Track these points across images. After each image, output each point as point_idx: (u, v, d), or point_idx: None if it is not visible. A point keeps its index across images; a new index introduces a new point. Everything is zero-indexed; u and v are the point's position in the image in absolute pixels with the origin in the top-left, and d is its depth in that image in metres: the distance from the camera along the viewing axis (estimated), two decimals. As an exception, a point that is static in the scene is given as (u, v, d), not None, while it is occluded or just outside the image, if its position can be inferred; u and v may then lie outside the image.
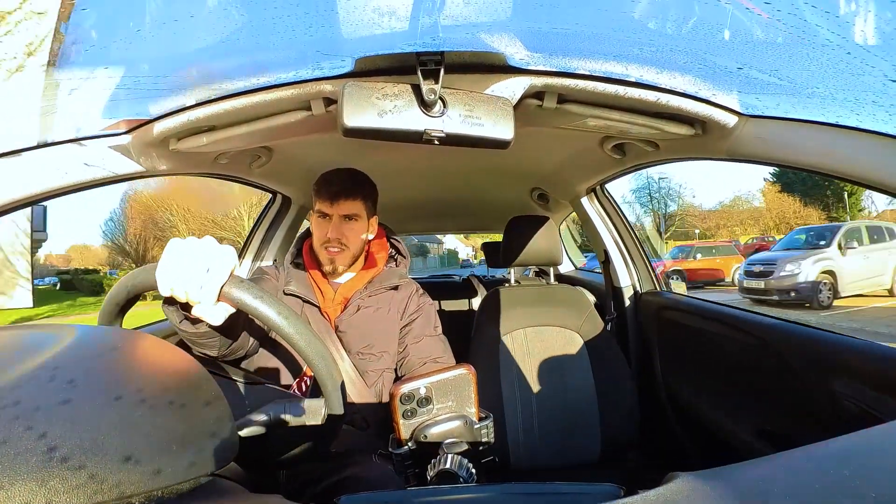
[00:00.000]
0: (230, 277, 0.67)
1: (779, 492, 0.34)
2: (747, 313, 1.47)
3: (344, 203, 1.26)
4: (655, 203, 35.60)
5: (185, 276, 0.66)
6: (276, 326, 0.66)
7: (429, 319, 1.37)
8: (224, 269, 0.66)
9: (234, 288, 0.67)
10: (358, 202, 1.29)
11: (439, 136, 0.84)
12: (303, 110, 1.00)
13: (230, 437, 0.48)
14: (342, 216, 1.27)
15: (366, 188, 1.33)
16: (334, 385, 0.71)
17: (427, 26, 0.82)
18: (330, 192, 1.26)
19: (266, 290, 0.70)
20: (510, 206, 2.68)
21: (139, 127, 0.99)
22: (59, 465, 0.33)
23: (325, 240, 1.27)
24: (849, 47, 0.73)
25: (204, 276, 0.66)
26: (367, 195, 1.32)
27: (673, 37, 0.89)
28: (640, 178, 33.88)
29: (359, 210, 1.29)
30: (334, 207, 1.26)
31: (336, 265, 1.29)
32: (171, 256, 0.67)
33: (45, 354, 0.42)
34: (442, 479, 0.62)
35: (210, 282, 0.66)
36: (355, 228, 1.30)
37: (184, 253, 0.67)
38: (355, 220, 1.29)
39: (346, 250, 1.29)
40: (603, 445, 1.64)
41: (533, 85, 0.94)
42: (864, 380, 0.99)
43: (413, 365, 1.27)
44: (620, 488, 0.44)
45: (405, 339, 1.33)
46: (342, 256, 1.29)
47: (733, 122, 0.98)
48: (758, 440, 1.29)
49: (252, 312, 0.67)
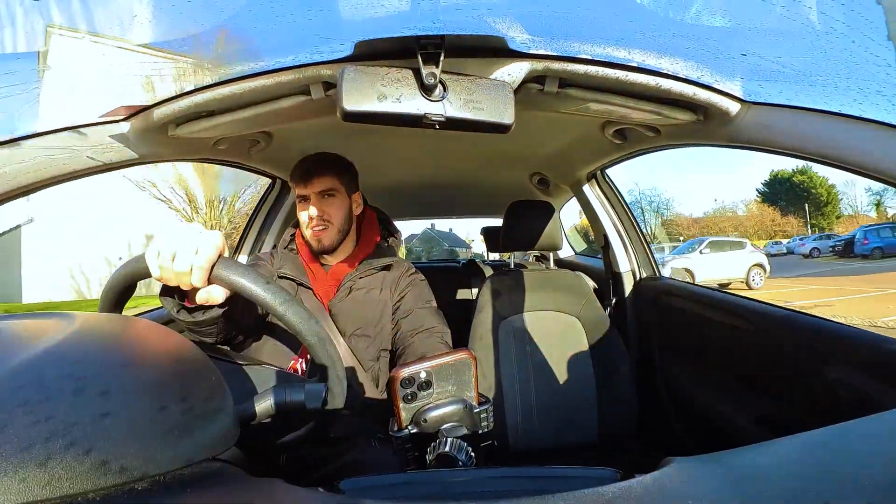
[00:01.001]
0: (220, 259, 0.68)
1: (773, 477, 0.35)
2: (746, 300, 1.48)
3: (317, 180, 1.29)
4: (644, 213, 37.98)
5: (174, 259, 0.67)
6: (267, 304, 0.67)
7: (420, 292, 1.38)
8: (211, 250, 0.67)
9: (223, 268, 0.67)
10: (331, 177, 1.31)
11: (439, 120, 0.84)
12: (302, 95, 1.00)
13: (231, 422, 0.48)
14: (318, 193, 1.29)
15: (337, 164, 1.35)
16: (331, 362, 0.71)
17: (427, 9, 0.81)
18: (301, 174, 1.29)
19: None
20: (510, 191, 2.67)
21: (138, 113, 0.99)
22: (62, 450, 0.33)
23: (308, 219, 1.29)
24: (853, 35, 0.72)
25: (193, 257, 0.67)
26: (340, 171, 1.34)
27: (676, 22, 0.88)
28: (631, 192, 35.84)
29: (334, 185, 1.31)
30: (309, 187, 1.29)
31: (323, 242, 1.31)
32: (159, 241, 0.68)
33: (48, 342, 0.42)
34: (441, 462, 0.63)
35: (199, 262, 0.67)
36: (335, 203, 1.31)
37: (171, 237, 0.68)
38: (333, 195, 1.31)
39: (329, 226, 1.30)
40: (601, 430, 1.66)
41: (534, 69, 0.94)
42: (861, 368, 1.00)
43: (405, 337, 1.27)
44: (617, 472, 0.44)
45: (396, 315, 1.33)
46: (327, 233, 1.30)
47: (735, 108, 0.98)
48: (755, 427, 1.31)
49: (242, 291, 0.67)
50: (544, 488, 0.40)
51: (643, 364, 1.98)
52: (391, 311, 1.34)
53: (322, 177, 1.29)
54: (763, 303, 1.40)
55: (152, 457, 0.37)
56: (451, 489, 0.49)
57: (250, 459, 0.60)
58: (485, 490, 0.48)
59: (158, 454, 0.38)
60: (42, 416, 0.35)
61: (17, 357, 0.40)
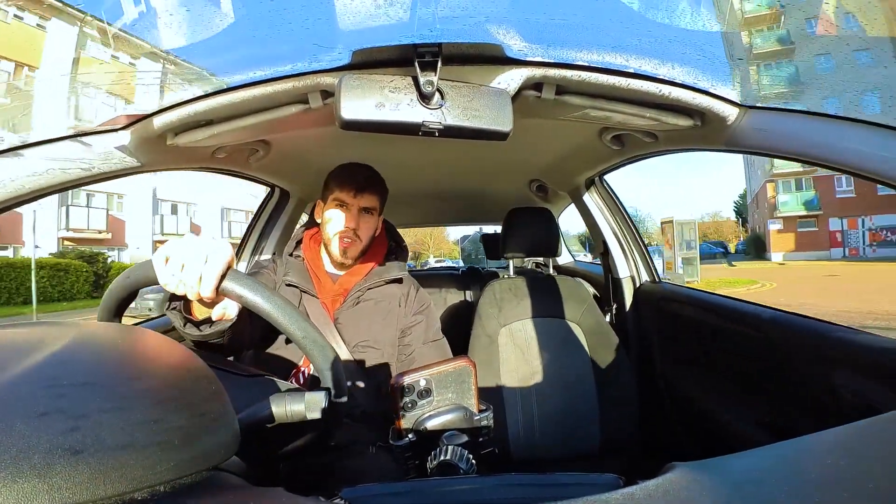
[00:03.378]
0: (228, 270, 0.67)
1: (775, 481, 0.35)
2: (746, 304, 1.48)
3: (367, 196, 1.29)
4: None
5: (183, 268, 0.66)
6: (273, 318, 0.66)
7: (430, 324, 1.38)
8: (221, 260, 0.66)
9: (231, 280, 0.67)
10: (378, 197, 1.32)
11: (437, 128, 0.84)
12: (300, 103, 1.00)
13: (232, 431, 0.48)
14: (362, 208, 1.30)
15: (384, 185, 1.36)
16: (333, 374, 0.71)
17: (425, 18, 0.81)
18: (356, 183, 1.28)
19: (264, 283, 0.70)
20: (509, 198, 2.67)
21: (137, 122, 0.99)
22: (61, 460, 0.33)
23: (343, 229, 1.28)
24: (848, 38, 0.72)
25: (202, 266, 0.66)
26: (383, 192, 1.35)
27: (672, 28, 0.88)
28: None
29: (376, 205, 1.32)
30: (357, 199, 1.28)
31: (348, 254, 1.31)
32: (169, 248, 0.68)
33: (48, 351, 0.42)
34: (442, 470, 0.62)
35: (208, 272, 0.66)
36: (370, 222, 1.32)
37: (180, 245, 0.67)
38: (372, 214, 1.32)
39: (358, 242, 1.31)
40: (602, 436, 1.64)
41: (531, 76, 0.94)
42: (863, 371, 1.00)
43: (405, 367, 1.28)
44: (620, 478, 0.44)
45: (405, 340, 1.34)
46: (354, 248, 1.30)
47: (733, 113, 0.98)
48: (757, 431, 1.30)
49: (249, 304, 0.67)
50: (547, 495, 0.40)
51: (644, 369, 1.97)
52: (398, 326, 1.35)
53: (372, 193, 1.30)
54: (764, 306, 1.39)
55: (152, 466, 0.37)
56: (452, 497, 0.49)
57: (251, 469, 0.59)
58: (486, 498, 0.48)
59: (158, 464, 0.37)
60: (41, 425, 0.35)
61: (16, 366, 0.39)
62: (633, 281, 2.10)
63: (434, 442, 0.67)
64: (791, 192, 30.52)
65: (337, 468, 1.05)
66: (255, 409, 0.64)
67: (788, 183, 30.57)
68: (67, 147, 0.94)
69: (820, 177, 28.10)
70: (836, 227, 28.73)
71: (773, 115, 0.94)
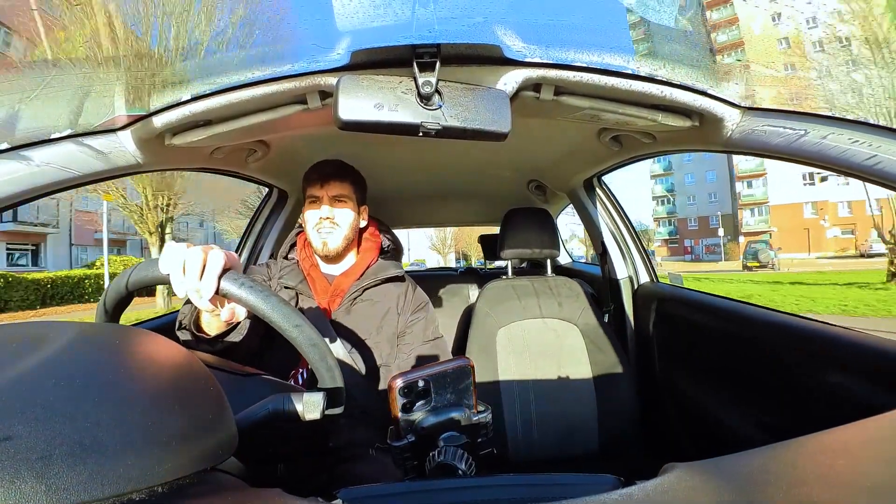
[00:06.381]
0: (227, 271, 0.68)
1: (774, 482, 0.35)
2: (745, 305, 1.48)
3: (334, 184, 1.32)
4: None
5: (186, 263, 0.68)
6: (270, 318, 0.66)
7: (428, 323, 1.39)
8: (219, 259, 0.68)
9: (229, 280, 0.67)
10: (347, 184, 1.34)
11: (436, 128, 0.84)
12: (299, 104, 1.00)
13: (230, 432, 0.48)
14: (332, 197, 1.32)
15: (354, 174, 1.38)
16: (331, 374, 0.71)
17: (423, 19, 0.81)
18: (321, 175, 1.32)
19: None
20: (507, 198, 2.68)
21: (136, 122, 0.99)
22: (60, 460, 0.33)
23: (317, 221, 1.31)
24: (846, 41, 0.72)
25: (202, 264, 0.67)
26: (354, 181, 1.37)
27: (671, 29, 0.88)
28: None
29: (348, 192, 1.34)
30: (325, 188, 1.31)
31: (329, 245, 1.32)
32: (170, 249, 0.69)
33: (46, 351, 0.42)
34: (441, 471, 0.62)
35: (209, 269, 0.67)
36: (345, 210, 1.34)
37: (181, 246, 0.69)
38: (344, 201, 1.34)
39: (337, 229, 1.32)
40: (601, 437, 1.65)
41: (529, 77, 0.94)
42: (861, 372, 1.00)
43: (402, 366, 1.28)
44: (619, 479, 0.44)
45: (403, 339, 1.34)
46: (334, 236, 1.32)
47: (731, 114, 0.98)
48: (756, 432, 1.30)
49: (248, 304, 0.67)
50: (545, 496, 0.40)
51: (642, 370, 1.97)
52: (395, 325, 1.35)
53: (338, 181, 1.32)
54: (762, 308, 1.40)
55: (150, 467, 0.37)
56: (451, 498, 0.49)
57: (249, 469, 0.59)
58: (484, 499, 0.48)
59: (156, 464, 0.37)
60: (39, 426, 0.34)
61: (14, 366, 0.39)
62: (632, 282, 2.10)
63: (433, 442, 0.67)
64: (666, 226, 56.18)
65: (335, 469, 1.05)
66: (253, 409, 0.64)
67: (665, 221, 56.24)
68: (67, 147, 0.94)
69: (681, 218, 53.55)
70: (688, 244, 53.28)
71: (772, 115, 0.94)
